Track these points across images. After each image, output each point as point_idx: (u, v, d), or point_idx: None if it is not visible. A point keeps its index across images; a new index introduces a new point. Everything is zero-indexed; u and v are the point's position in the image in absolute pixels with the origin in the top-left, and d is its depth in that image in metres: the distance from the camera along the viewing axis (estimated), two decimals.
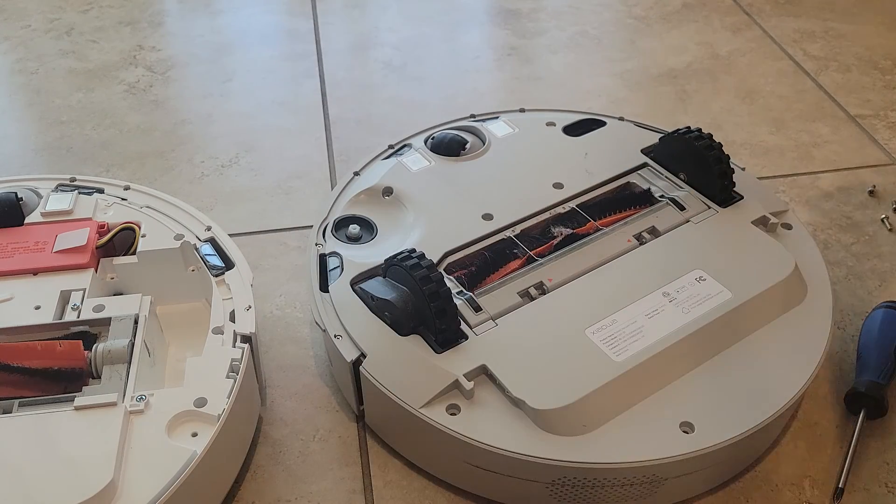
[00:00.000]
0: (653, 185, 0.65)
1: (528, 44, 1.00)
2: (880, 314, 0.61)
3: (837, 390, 0.58)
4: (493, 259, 0.59)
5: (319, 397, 0.58)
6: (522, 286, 0.55)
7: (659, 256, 0.58)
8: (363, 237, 0.61)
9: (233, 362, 0.50)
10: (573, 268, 0.57)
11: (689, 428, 0.48)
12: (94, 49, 0.99)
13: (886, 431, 0.56)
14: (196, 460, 0.45)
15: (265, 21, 1.06)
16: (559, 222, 0.62)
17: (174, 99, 0.90)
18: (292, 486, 0.53)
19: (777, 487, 0.52)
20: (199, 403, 0.48)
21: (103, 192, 0.63)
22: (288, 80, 0.93)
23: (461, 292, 0.55)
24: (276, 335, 0.63)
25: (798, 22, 1.04)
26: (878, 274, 0.68)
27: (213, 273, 0.57)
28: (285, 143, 0.83)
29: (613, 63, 0.96)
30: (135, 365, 0.50)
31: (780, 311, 0.55)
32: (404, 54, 0.98)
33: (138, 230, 0.59)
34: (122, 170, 0.80)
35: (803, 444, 0.55)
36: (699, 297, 0.54)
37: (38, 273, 0.56)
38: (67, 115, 0.88)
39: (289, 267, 0.69)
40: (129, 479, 0.44)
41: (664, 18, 1.05)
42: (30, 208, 0.61)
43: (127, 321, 0.53)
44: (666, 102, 0.89)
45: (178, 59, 0.97)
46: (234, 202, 0.76)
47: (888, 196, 0.76)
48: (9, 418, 0.47)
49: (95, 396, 0.48)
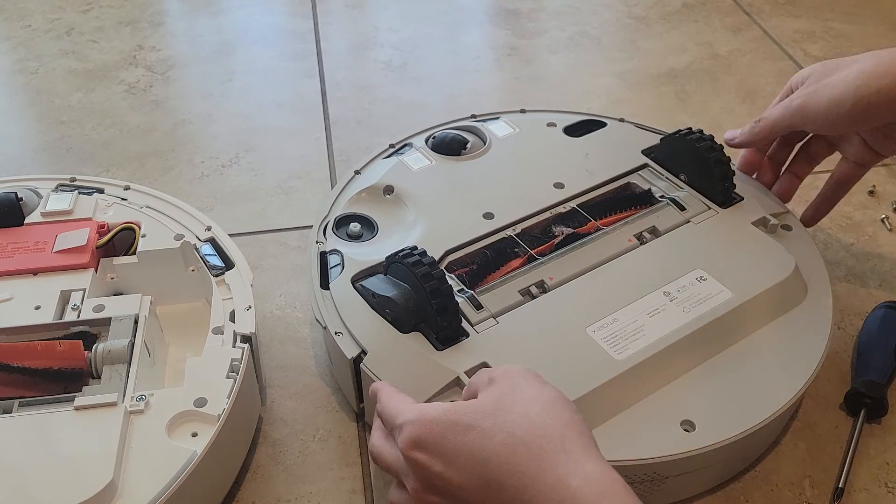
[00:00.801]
0: (653, 185, 0.65)
1: (528, 44, 1.00)
2: (880, 314, 0.61)
3: (837, 390, 0.58)
4: (494, 257, 0.59)
5: (319, 397, 0.58)
6: (523, 284, 0.55)
7: (659, 256, 0.58)
8: (364, 235, 0.61)
9: (233, 362, 0.50)
10: (574, 267, 0.57)
11: (689, 426, 0.48)
12: (94, 49, 0.99)
13: (886, 431, 0.56)
14: (196, 460, 0.45)
15: (265, 21, 1.06)
16: (560, 222, 0.62)
17: (174, 99, 0.90)
18: (292, 486, 0.53)
19: (777, 487, 0.52)
20: (199, 403, 0.48)
21: (103, 192, 0.63)
22: (288, 80, 0.93)
23: (462, 290, 0.55)
24: (276, 335, 0.63)
25: (798, 22, 1.04)
26: (878, 274, 0.68)
27: (213, 273, 0.57)
28: (285, 143, 0.83)
29: (613, 63, 0.96)
30: (135, 365, 0.50)
31: (780, 311, 0.55)
32: (404, 54, 0.97)
33: (138, 230, 0.59)
34: (122, 170, 0.80)
35: (803, 444, 0.55)
36: (700, 296, 0.54)
37: (38, 273, 0.56)
38: (67, 115, 0.88)
39: (289, 267, 0.69)
40: (129, 479, 0.44)
41: (664, 18, 1.05)
42: (30, 208, 0.61)
43: (127, 321, 0.53)
44: (666, 102, 0.89)
45: (178, 59, 0.97)
46: (234, 202, 0.76)
47: (888, 196, 0.76)
48: (9, 418, 0.47)
49: (95, 396, 0.48)
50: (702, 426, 0.48)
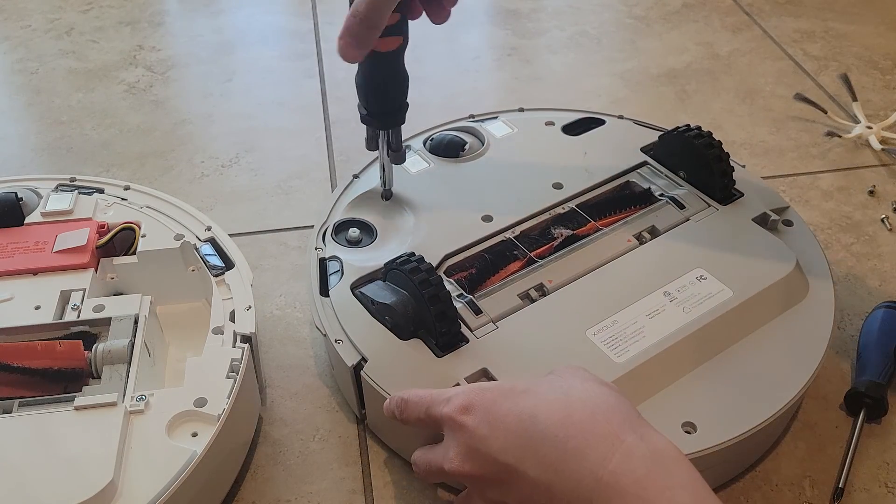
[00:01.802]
0: (652, 183, 0.65)
1: (528, 44, 1.00)
2: (880, 314, 0.61)
3: (837, 390, 0.58)
4: (493, 261, 0.58)
5: (319, 397, 0.58)
6: (523, 288, 0.55)
7: (659, 256, 0.58)
8: (363, 240, 0.61)
9: (233, 362, 0.50)
10: (573, 269, 0.57)
11: (691, 428, 0.48)
12: (94, 49, 0.99)
13: (886, 431, 0.56)
14: (196, 460, 0.45)
15: (265, 21, 1.06)
16: (559, 223, 0.62)
17: (174, 99, 0.90)
18: (292, 486, 0.53)
19: (777, 487, 0.52)
20: (199, 403, 0.48)
21: (103, 192, 0.63)
22: (288, 80, 0.93)
23: (461, 295, 0.55)
24: (276, 335, 0.63)
25: (798, 22, 1.04)
26: (878, 274, 0.68)
27: (213, 273, 0.57)
28: (285, 143, 0.83)
29: (613, 63, 0.96)
30: (135, 365, 0.50)
31: (781, 309, 0.55)
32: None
33: (138, 230, 0.59)
34: (122, 170, 0.80)
35: (803, 444, 0.55)
36: (700, 296, 0.54)
37: (38, 273, 0.56)
38: (67, 115, 0.88)
39: (289, 267, 0.69)
40: (129, 479, 0.44)
41: (664, 18, 1.05)
42: (30, 208, 0.61)
43: (127, 321, 0.53)
44: (666, 102, 0.89)
45: (178, 59, 0.97)
46: (234, 202, 0.76)
47: (888, 196, 0.76)
48: (9, 418, 0.47)
49: (95, 396, 0.48)
50: (703, 428, 0.48)
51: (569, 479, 0.37)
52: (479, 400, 0.42)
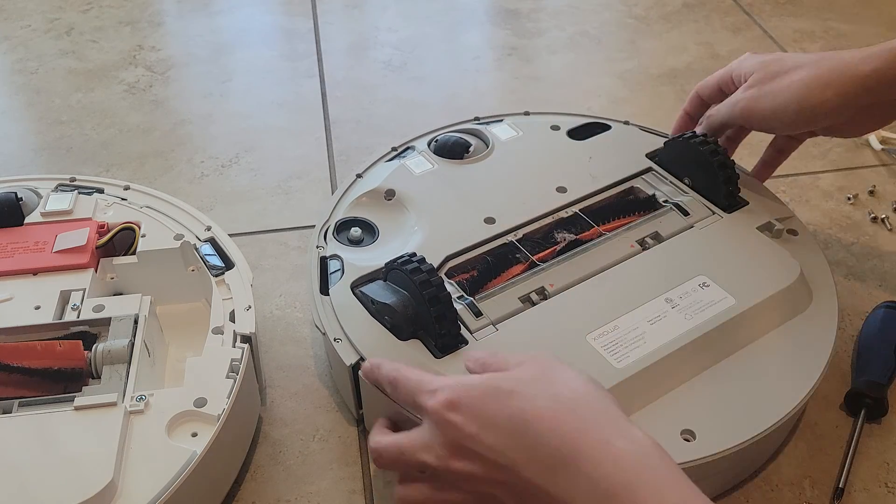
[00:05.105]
0: (657, 190, 0.64)
1: (528, 44, 1.00)
2: (880, 314, 0.61)
3: (837, 390, 0.58)
4: (495, 264, 0.58)
5: (319, 397, 0.58)
6: (524, 291, 0.55)
7: (662, 262, 0.57)
8: (365, 240, 0.60)
9: (233, 362, 0.50)
10: (575, 273, 0.56)
11: (690, 436, 0.48)
12: (94, 49, 0.99)
13: (886, 431, 0.56)
14: (196, 460, 0.45)
15: (265, 21, 1.06)
16: (562, 227, 0.61)
17: (174, 99, 0.90)
18: (292, 486, 0.53)
19: (777, 487, 0.52)
20: (199, 403, 0.48)
21: (103, 192, 0.63)
22: (288, 80, 0.93)
23: (462, 297, 0.54)
24: (276, 335, 0.63)
25: (798, 22, 1.04)
26: (878, 274, 0.68)
27: (213, 273, 0.57)
28: (285, 143, 0.83)
29: (613, 63, 0.96)
30: (135, 365, 0.50)
31: (784, 318, 0.54)
32: (404, 54, 0.97)
33: (138, 230, 0.59)
34: (122, 170, 0.80)
35: (803, 444, 0.55)
36: (702, 303, 0.54)
37: (38, 273, 0.56)
38: (67, 115, 0.88)
39: (289, 267, 0.69)
40: (129, 479, 0.44)
41: (664, 18, 1.05)
42: (30, 208, 0.61)
43: (127, 321, 0.53)
44: (666, 102, 0.89)
45: (177, 59, 0.97)
46: (234, 202, 0.76)
47: (888, 196, 0.76)
48: (9, 418, 0.47)
49: (95, 396, 0.48)
50: (702, 435, 0.48)
51: (564, 485, 0.39)
52: (465, 398, 0.42)
